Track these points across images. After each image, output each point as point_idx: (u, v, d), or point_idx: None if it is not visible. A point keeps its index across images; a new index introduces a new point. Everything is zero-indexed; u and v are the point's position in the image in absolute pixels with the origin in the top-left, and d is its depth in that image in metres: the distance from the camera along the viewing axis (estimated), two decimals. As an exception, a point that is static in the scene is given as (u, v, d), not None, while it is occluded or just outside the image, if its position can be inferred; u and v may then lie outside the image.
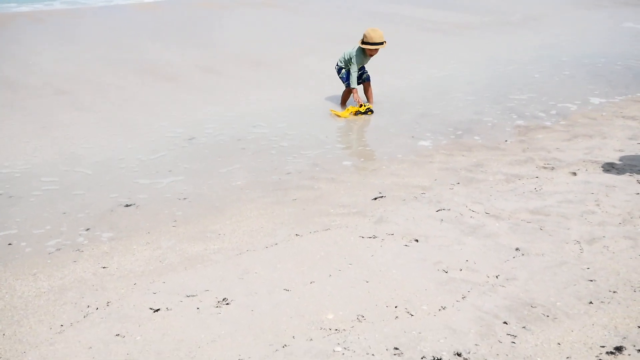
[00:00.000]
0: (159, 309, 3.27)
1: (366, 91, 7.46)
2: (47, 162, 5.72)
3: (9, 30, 13.47)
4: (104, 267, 3.78)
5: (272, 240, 4.06)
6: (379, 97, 7.64)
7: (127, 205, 4.73)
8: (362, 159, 5.74)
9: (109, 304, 3.36)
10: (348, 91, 7.35)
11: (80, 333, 3.10)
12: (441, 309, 3.20)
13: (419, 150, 5.87)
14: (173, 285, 3.52)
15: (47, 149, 6.08)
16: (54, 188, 5.11)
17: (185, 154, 5.88)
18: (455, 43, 11.79)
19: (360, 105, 7.02)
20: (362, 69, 7.25)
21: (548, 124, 6.66)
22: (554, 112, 7.11)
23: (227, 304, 3.30)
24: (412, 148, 5.93)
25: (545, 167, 5.28)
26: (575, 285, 3.41)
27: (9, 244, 4.15)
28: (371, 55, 7.04)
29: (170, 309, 3.27)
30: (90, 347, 2.97)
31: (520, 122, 6.74)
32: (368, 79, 7.39)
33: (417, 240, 3.99)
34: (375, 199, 4.71)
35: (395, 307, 3.22)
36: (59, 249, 4.06)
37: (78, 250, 4.03)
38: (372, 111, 7.05)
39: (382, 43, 6.86)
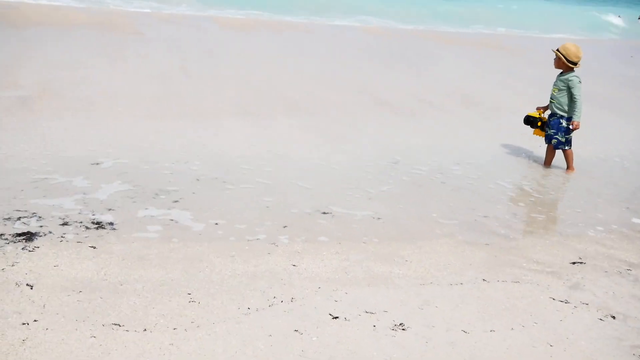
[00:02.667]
0: (337, 317, 3.37)
1: (551, 154, 6.89)
2: (260, 157, 6.16)
3: (254, 36, 14.77)
4: (293, 265, 3.98)
5: (457, 279, 4.00)
6: (593, 159, 7.18)
7: (324, 213, 4.93)
8: (566, 220, 5.42)
9: (293, 299, 3.53)
10: (552, 150, 6.91)
11: (264, 319, 3.29)
12: (631, 397, 2.92)
13: (632, 224, 5.40)
14: (354, 298, 3.61)
15: (261, 145, 6.55)
16: (262, 182, 5.48)
17: (386, 175, 5.99)
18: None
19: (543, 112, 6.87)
20: (553, 127, 6.68)
21: None
22: None
23: (404, 329, 3.30)
24: (625, 220, 5.46)
25: None
26: None
27: (216, 224, 4.54)
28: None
29: (349, 320, 3.35)
30: (270, 335, 3.15)
31: None
32: (556, 146, 6.69)
33: (614, 317, 3.68)
34: (574, 263, 4.43)
35: (579, 380, 3.00)
36: (258, 239, 4.35)
37: (274, 244, 4.29)
38: (543, 124, 6.80)
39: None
